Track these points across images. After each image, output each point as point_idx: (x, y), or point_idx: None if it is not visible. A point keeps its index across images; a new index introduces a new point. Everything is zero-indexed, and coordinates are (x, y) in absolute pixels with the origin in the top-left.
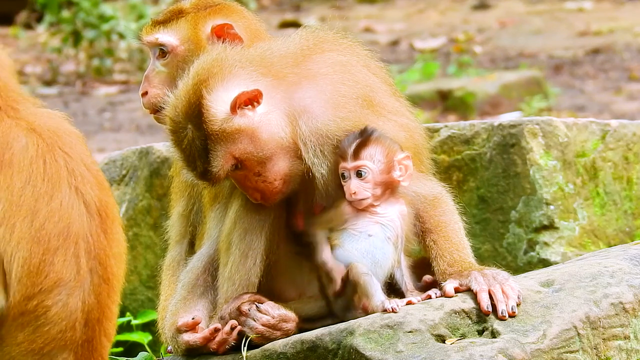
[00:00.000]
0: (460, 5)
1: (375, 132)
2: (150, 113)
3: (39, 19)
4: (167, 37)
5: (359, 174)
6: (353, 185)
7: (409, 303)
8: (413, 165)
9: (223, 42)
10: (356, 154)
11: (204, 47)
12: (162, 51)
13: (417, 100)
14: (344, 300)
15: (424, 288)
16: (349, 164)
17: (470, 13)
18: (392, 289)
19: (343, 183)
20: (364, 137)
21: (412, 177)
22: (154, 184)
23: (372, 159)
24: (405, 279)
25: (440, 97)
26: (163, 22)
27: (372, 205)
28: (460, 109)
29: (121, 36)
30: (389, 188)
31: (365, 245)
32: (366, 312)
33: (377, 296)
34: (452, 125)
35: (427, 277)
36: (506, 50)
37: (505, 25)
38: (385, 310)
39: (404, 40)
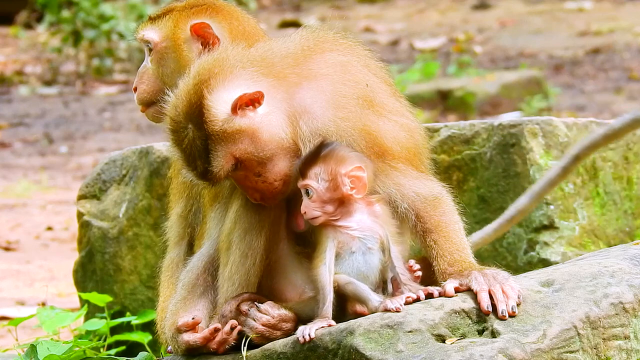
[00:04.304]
0: (460, 5)
1: (326, 148)
2: (142, 109)
3: (39, 19)
4: (151, 34)
5: (307, 193)
6: (302, 205)
7: (407, 299)
8: (413, 165)
9: (203, 42)
10: (303, 173)
11: (181, 45)
12: (149, 48)
13: (417, 100)
14: (339, 310)
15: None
16: (298, 183)
17: (470, 13)
18: (384, 284)
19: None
20: (312, 155)
21: (410, 178)
22: (154, 184)
23: (316, 178)
24: (399, 271)
25: (440, 97)
26: (153, 19)
27: (332, 220)
28: (460, 109)
29: (121, 36)
30: (343, 202)
31: (349, 262)
32: (364, 315)
33: (372, 298)
34: (452, 125)
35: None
36: (506, 50)
37: (505, 25)
38: (388, 310)
39: (404, 40)
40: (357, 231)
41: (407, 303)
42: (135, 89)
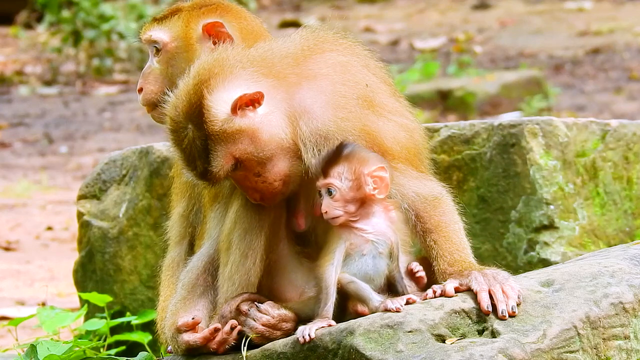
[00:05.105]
0: (460, 5)
1: (347, 148)
2: (147, 111)
3: (39, 19)
4: (160, 34)
5: (329, 192)
6: (324, 204)
7: (408, 300)
8: (413, 165)
9: (214, 41)
10: (325, 172)
11: (193, 45)
12: (157, 48)
13: (417, 100)
14: (340, 309)
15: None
16: (320, 182)
17: (470, 13)
18: (388, 288)
19: (320, 200)
20: (334, 155)
21: (410, 178)
22: (154, 184)
23: (340, 177)
24: (403, 276)
25: (440, 97)
26: (159, 20)
27: (351, 221)
28: (460, 109)
29: (121, 36)
30: (365, 202)
31: (357, 264)
32: (364, 314)
33: (373, 297)
34: (452, 125)
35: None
36: (506, 50)
37: (505, 25)
38: (388, 310)
39: (404, 40)
40: (371, 235)
41: (408, 304)
42: (141, 90)
